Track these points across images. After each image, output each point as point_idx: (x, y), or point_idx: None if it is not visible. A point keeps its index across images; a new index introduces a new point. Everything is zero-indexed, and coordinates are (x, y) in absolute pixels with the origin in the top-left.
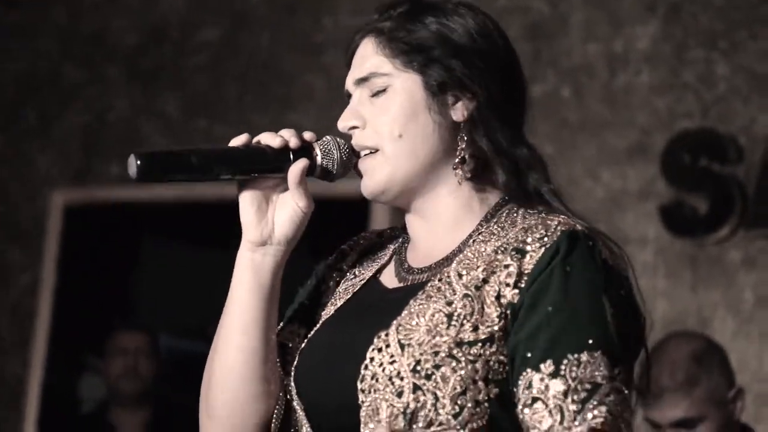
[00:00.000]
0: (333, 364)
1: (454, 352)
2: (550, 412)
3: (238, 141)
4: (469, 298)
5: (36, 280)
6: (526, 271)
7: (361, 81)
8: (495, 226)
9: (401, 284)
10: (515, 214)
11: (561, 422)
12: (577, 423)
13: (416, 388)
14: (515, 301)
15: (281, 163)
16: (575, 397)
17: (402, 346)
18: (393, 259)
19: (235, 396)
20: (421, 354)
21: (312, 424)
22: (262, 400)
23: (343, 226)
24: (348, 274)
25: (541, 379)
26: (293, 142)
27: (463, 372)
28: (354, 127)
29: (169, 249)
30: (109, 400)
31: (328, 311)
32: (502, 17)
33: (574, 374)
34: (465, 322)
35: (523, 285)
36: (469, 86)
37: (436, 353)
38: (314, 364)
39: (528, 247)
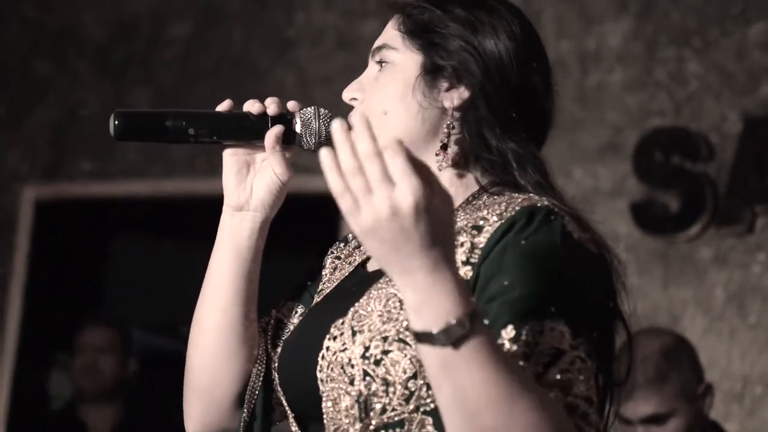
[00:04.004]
0: (300, 353)
1: (403, 335)
2: None
3: (221, 106)
4: None
5: (6, 276)
6: (479, 245)
7: (375, 51)
8: (470, 209)
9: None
10: (493, 198)
11: None
12: (542, 384)
13: (366, 374)
14: (468, 278)
15: (260, 130)
16: (537, 361)
17: (354, 333)
18: None
19: (209, 352)
20: (371, 340)
21: (292, 410)
22: (235, 359)
23: (315, 223)
24: (344, 261)
25: (502, 345)
26: (271, 109)
27: (412, 355)
28: (354, 99)
29: (139, 245)
30: (77, 397)
31: (317, 299)
32: None
33: (537, 340)
34: None
35: (474, 260)
36: (464, 76)
37: (385, 338)
38: (289, 352)
39: (485, 223)
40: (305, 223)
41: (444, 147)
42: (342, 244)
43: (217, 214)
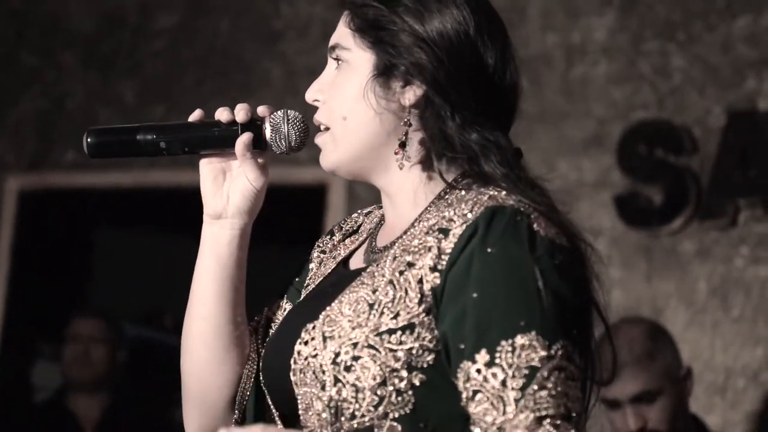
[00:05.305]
0: (276, 356)
1: (372, 341)
2: (492, 404)
3: (192, 117)
4: (392, 285)
5: None
6: (446, 251)
7: (331, 50)
8: (442, 204)
9: (363, 265)
10: (463, 193)
11: (504, 413)
12: (519, 411)
13: (337, 380)
14: (436, 285)
15: (231, 138)
16: (514, 385)
17: (325, 339)
18: (369, 238)
19: (197, 359)
20: (341, 346)
21: (277, 409)
22: (225, 364)
23: (301, 214)
24: (329, 256)
25: (478, 371)
26: (240, 116)
27: (381, 362)
28: (316, 101)
29: (123, 235)
30: (66, 386)
31: (302, 294)
32: None
33: (510, 361)
34: (385, 310)
35: (442, 267)
36: (417, 72)
37: (355, 345)
38: (268, 353)
39: (451, 225)
40: (291, 214)
41: (402, 145)
42: (327, 237)
43: (201, 205)
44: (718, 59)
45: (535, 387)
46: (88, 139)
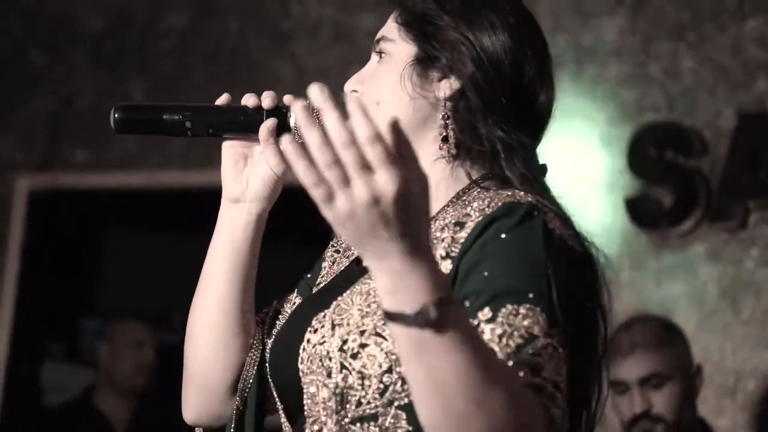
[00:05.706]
0: (286, 345)
1: (380, 329)
2: None
3: (219, 100)
4: None
5: (0, 266)
6: (460, 240)
7: (375, 43)
8: (459, 204)
9: None
10: (482, 193)
11: None
12: (511, 363)
13: (343, 367)
14: (448, 271)
15: (255, 123)
16: (510, 343)
17: (333, 326)
18: None
19: (203, 341)
20: (348, 333)
21: (281, 401)
22: (229, 349)
23: (312, 213)
24: (343, 255)
25: (477, 324)
26: (266, 103)
27: (388, 350)
28: (354, 91)
29: (134, 236)
30: (105, 387)
31: (314, 290)
32: None
33: (511, 321)
34: None
35: (454, 254)
36: (456, 67)
37: (363, 332)
38: (277, 343)
39: (467, 219)
40: (303, 214)
41: (445, 139)
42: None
43: (213, 206)
44: (728, 61)
45: (530, 351)
46: (116, 115)
